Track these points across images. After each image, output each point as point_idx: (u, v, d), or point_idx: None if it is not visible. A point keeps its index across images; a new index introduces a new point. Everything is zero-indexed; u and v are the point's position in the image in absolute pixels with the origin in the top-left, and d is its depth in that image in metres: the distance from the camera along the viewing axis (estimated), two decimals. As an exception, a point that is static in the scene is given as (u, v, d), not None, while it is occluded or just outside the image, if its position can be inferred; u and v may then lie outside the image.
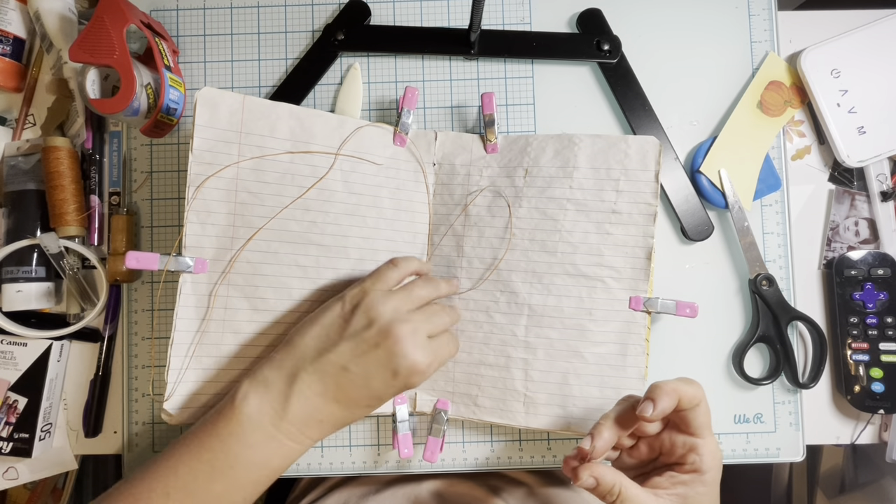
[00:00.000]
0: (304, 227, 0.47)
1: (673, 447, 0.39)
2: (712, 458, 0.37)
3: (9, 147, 0.52)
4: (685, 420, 0.38)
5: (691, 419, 0.37)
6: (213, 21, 0.54)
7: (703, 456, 0.37)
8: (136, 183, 0.53)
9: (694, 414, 0.37)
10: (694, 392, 0.37)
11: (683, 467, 0.38)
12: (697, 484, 0.37)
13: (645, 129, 0.52)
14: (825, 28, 0.53)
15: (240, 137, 0.46)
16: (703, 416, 0.37)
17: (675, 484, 0.37)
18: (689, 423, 0.37)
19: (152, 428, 0.52)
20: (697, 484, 0.37)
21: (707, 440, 0.37)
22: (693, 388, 0.37)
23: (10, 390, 0.50)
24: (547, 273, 0.48)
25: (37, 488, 0.69)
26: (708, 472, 0.37)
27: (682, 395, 0.36)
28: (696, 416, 0.37)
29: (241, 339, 0.46)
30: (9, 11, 0.51)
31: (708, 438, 0.38)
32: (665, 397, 0.36)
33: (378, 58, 0.54)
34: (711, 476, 0.37)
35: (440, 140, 0.51)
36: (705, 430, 0.37)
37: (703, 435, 0.37)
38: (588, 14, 0.53)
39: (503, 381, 0.48)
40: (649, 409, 0.36)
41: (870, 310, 0.51)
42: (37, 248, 0.50)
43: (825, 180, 0.54)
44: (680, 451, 0.38)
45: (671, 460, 0.39)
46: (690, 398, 0.37)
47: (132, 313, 0.52)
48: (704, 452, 0.37)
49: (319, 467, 0.51)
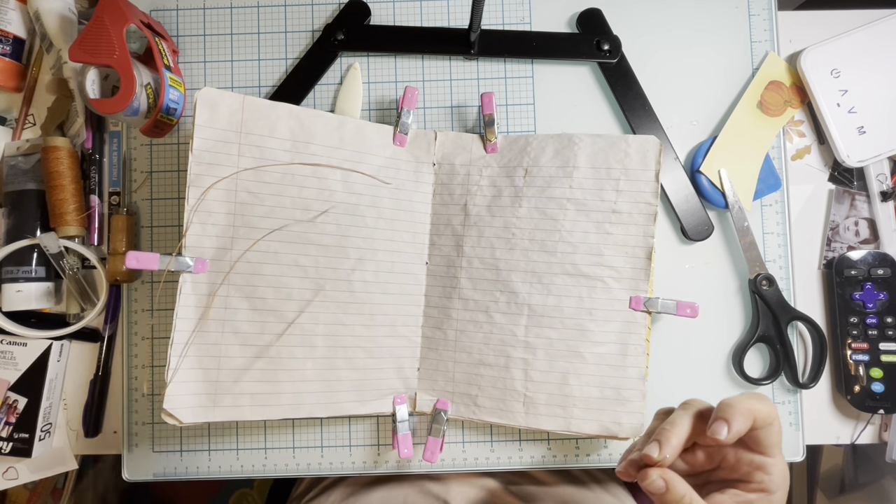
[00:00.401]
0: (304, 227, 0.47)
1: (738, 463, 0.36)
2: (782, 478, 0.35)
3: (9, 147, 0.52)
4: (756, 439, 0.35)
5: (763, 438, 0.34)
6: (213, 21, 0.54)
7: (773, 476, 0.34)
8: (136, 183, 0.53)
9: (767, 433, 0.34)
10: (768, 411, 0.34)
11: (749, 485, 0.35)
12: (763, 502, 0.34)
13: (645, 129, 0.52)
14: (825, 28, 0.53)
15: (239, 137, 0.46)
16: (775, 436, 0.34)
17: (741, 502, 0.35)
18: (761, 442, 0.34)
19: (152, 428, 0.52)
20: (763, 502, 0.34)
21: (777, 459, 0.35)
22: (766, 405, 0.34)
23: (10, 390, 0.50)
24: (547, 273, 0.48)
25: (37, 488, 0.69)
26: (776, 493, 0.35)
27: (757, 415, 0.33)
28: (769, 435, 0.34)
29: (240, 339, 0.46)
30: (9, 11, 0.51)
31: (778, 458, 0.35)
32: (740, 418, 0.33)
33: (378, 58, 0.54)
34: (779, 496, 0.35)
35: (440, 140, 0.51)
36: (776, 448, 0.35)
37: (773, 454, 0.35)
38: (588, 14, 0.53)
39: (503, 381, 0.48)
40: (723, 431, 0.33)
41: (870, 310, 0.51)
42: (37, 248, 0.50)
43: (825, 180, 0.54)
44: (745, 469, 0.35)
45: (734, 476, 0.36)
46: (765, 417, 0.34)
47: (132, 313, 0.52)
48: (774, 472, 0.34)
49: (319, 467, 0.51)
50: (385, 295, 0.49)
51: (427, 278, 0.51)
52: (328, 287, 0.47)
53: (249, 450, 0.52)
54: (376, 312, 0.49)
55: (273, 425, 0.52)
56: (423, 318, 0.51)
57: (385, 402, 0.49)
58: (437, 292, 0.50)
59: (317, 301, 0.47)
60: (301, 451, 0.52)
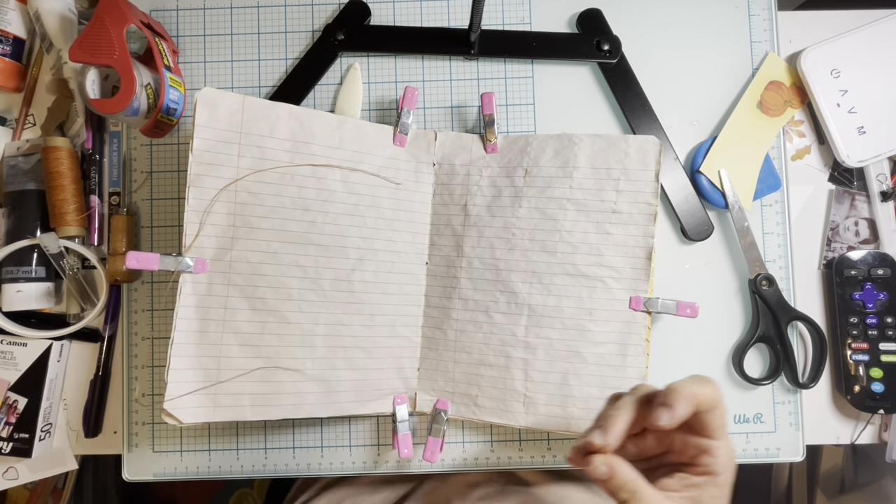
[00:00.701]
0: (304, 227, 0.47)
1: (685, 447, 0.36)
2: (727, 459, 0.35)
3: (9, 147, 0.52)
4: (701, 422, 0.35)
5: (708, 421, 0.34)
6: (213, 21, 0.54)
7: (718, 458, 0.34)
8: (136, 183, 0.53)
9: (711, 416, 0.34)
10: (712, 395, 0.34)
11: (696, 469, 0.35)
12: (710, 486, 0.34)
13: (645, 129, 0.52)
14: (825, 28, 0.53)
15: (239, 138, 0.46)
16: (720, 419, 0.34)
17: (687, 486, 0.35)
18: (706, 425, 0.34)
19: (152, 428, 0.52)
20: (710, 486, 0.34)
21: (722, 442, 0.35)
22: (710, 388, 0.34)
23: (10, 390, 0.50)
24: (547, 273, 0.48)
25: (37, 488, 0.69)
26: (722, 475, 0.34)
27: (700, 399, 0.33)
28: (714, 418, 0.34)
29: (241, 339, 0.46)
30: (9, 11, 0.51)
31: (723, 440, 0.35)
32: (682, 402, 0.33)
33: (378, 58, 0.54)
34: (725, 478, 0.35)
35: (440, 140, 0.51)
36: (721, 431, 0.35)
37: (718, 437, 0.35)
38: (588, 14, 0.53)
39: (503, 382, 0.48)
40: (665, 416, 0.33)
41: (870, 310, 0.51)
42: (37, 248, 0.50)
43: (825, 180, 0.54)
44: (692, 452, 0.35)
45: (681, 460, 0.36)
46: (709, 401, 0.34)
47: (132, 313, 0.52)
48: (719, 454, 0.34)
49: (319, 467, 0.51)
50: (385, 295, 0.49)
51: (427, 278, 0.51)
52: (328, 287, 0.47)
53: (249, 450, 0.52)
54: (376, 312, 0.49)
55: (273, 425, 0.52)
56: (423, 318, 0.51)
57: (385, 402, 0.49)
58: (437, 292, 0.50)
59: (317, 301, 0.47)
60: (301, 451, 0.52)
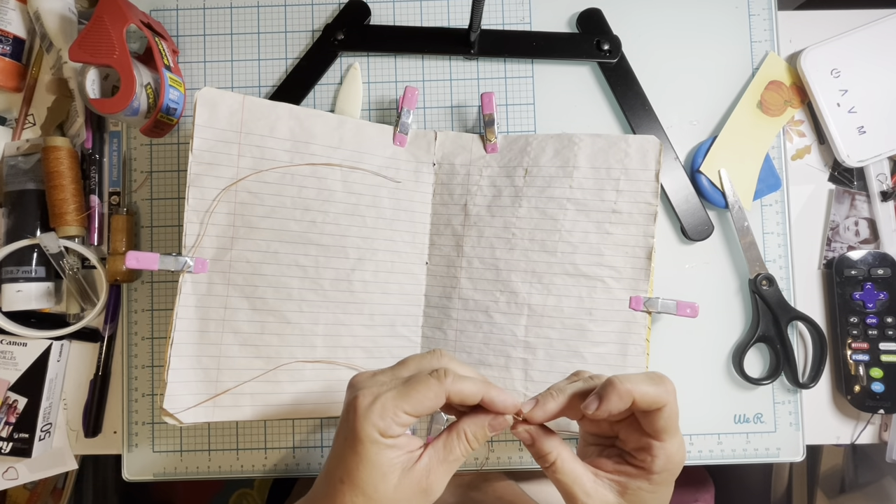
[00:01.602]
0: (304, 227, 0.47)
1: (628, 438, 0.35)
2: (667, 461, 0.33)
3: (9, 147, 0.52)
4: (645, 420, 0.33)
5: (651, 421, 0.32)
6: (213, 21, 0.54)
7: (657, 458, 0.33)
8: (136, 183, 0.53)
9: (654, 416, 0.32)
10: (656, 395, 0.32)
11: (634, 461, 0.34)
12: (642, 480, 0.33)
13: (645, 128, 0.52)
14: (825, 28, 0.53)
15: (239, 137, 0.46)
16: (664, 420, 0.32)
17: (619, 471, 0.34)
18: (649, 424, 0.33)
19: (152, 428, 0.52)
20: (642, 480, 0.33)
21: (666, 443, 0.33)
22: (657, 388, 0.32)
23: (10, 390, 0.50)
24: (547, 273, 0.48)
25: (37, 488, 0.69)
26: (657, 474, 0.33)
27: (639, 397, 0.31)
28: (657, 419, 0.32)
29: (240, 339, 0.46)
30: (9, 11, 0.51)
31: (667, 442, 0.33)
32: (614, 398, 0.31)
33: (378, 58, 0.54)
34: (662, 478, 0.33)
35: (440, 140, 0.51)
36: (665, 433, 0.33)
37: (661, 438, 0.33)
38: (588, 14, 0.53)
39: (503, 382, 0.48)
40: (591, 407, 0.32)
41: (870, 310, 0.51)
42: (37, 248, 0.50)
43: (825, 180, 0.54)
44: (633, 446, 0.34)
45: (626, 448, 0.35)
46: (651, 401, 0.32)
47: (132, 313, 0.52)
48: (658, 455, 0.33)
49: (319, 467, 0.51)
50: (385, 295, 0.49)
51: (427, 278, 0.51)
52: (328, 287, 0.47)
53: (249, 450, 0.52)
54: (376, 312, 0.49)
55: (273, 425, 0.52)
56: (422, 318, 0.51)
57: (385, 402, 0.49)
58: (437, 292, 0.50)
59: (317, 301, 0.47)
60: (301, 451, 0.52)
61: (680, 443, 0.33)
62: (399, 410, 0.31)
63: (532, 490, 0.56)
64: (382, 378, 0.33)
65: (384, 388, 0.32)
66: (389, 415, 0.31)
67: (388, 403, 0.31)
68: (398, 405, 0.31)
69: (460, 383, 0.31)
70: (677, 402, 0.33)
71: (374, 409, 0.31)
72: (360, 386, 0.33)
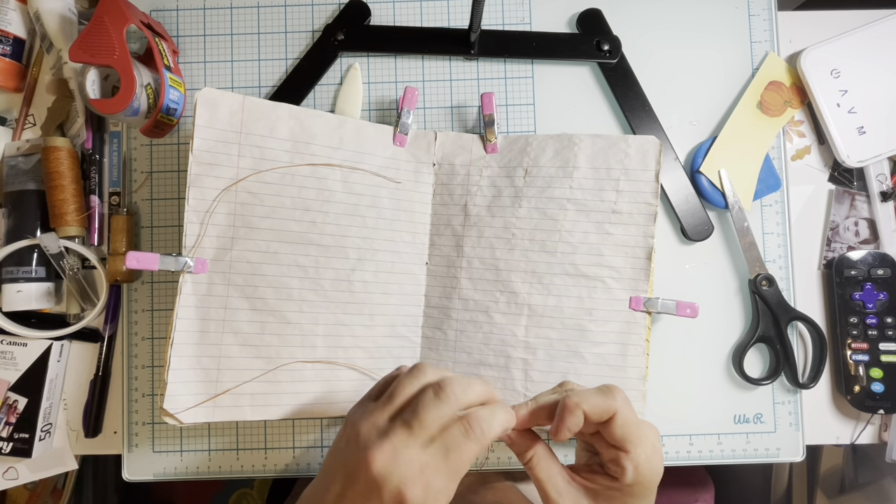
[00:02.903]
0: (304, 227, 0.47)
1: (601, 451, 0.35)
2: (636, 473, 0.33)
3: (9, 147, 0.52)
4: (605, 431, 0.33)
5: (609, 432, 0.33)
6: (213, 21, 0.54)
7: (626, 469, 0.33)
8: (136, 183, 0.53)
9: (610, 427, 0.32)
10: (604, 405, 0.32)
11: (609, 470, 0.34)
12: (614, 490, 0.34)
13: (645, 129, 0.52)
14: (825, 28, 0.53)
15: (239, 138, 0.46)
16: (620, 429, 0.32)
17: (592, 477, 0.34)
18: (609, 435, 0.33)
19: (152, 428, 0.52)
20: (614, 490, 0.34)
21: (632, 454, 0.32)
22: (604, 398, 0.32)
23: (10, 390, 0.50)
24: (547, 273, 0.48)
25: (37, 488, 0.69)
26: (630, 486, 0.33)
27: (589, 410, 0.32)
28: (613, 428, 0.32)
29: (240, 339, 0.46)
30: (9, 11, 0.51)
31: (633, 452, 0.32)
32: (566, 415, 0.32)
33: (378, 58, 0.54)
34: (636, 490, 0.33)
35: (440, 140, 0.51)
36: (628, 443, 0.32)
37: (626, 448, 0.33)
38: (588, 14, 0.53)
39: (503, 382, 0.48)
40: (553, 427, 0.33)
41: (870, 310, 0.51)
42: (37, 248, 0.50)
43: (825, 180, 0.54)
44: (606, 457, 0.34)
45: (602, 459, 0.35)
46: (600, 411, 0.32)
47: (132, 313, 0.52)
48: (626, 466, 0.33)
49: (319, 467, 0.51)
50: (385, 295, 0.49)
51: (427, 278, 0.51)
52: (328, 287, 0.47)
53: (249, 450, 0.52)
54: (376, 313, 0.49)
55: (273, 425, 0.52)
56: (423, 318, 0.51)
57: (385, 402, 0.49)
58: (437, 292, 0.50)
59: (317, 301, 0.47)
60: (301, 451, 0.52)
61: (649, 455, 0.33)
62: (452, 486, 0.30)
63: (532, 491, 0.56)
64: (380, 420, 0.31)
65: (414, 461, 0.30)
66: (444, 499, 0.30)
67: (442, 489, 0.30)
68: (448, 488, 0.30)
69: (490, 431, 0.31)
70: (633, 411, 0.33)
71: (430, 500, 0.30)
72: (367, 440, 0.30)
